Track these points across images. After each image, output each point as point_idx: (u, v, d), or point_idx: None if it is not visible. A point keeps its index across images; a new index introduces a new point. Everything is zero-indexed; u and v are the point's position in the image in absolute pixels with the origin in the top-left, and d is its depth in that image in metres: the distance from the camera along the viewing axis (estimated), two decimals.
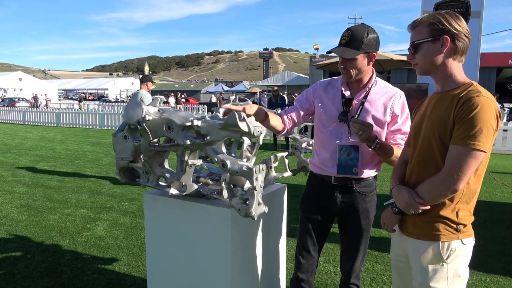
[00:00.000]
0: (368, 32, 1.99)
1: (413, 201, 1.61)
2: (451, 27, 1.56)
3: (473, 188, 1.61)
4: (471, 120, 1.46)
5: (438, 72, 1.64)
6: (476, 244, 1.71)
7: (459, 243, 1.61)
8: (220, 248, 2.13)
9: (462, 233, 1.61)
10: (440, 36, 1.57)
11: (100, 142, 12.51)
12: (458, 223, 1.61)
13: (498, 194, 6.24)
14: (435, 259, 1.62)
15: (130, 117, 2.11)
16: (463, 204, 1.61)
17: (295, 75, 39.20)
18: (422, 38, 1.61)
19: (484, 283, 3.30)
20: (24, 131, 15.95)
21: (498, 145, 10.64)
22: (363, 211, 2.16)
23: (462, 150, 1.48)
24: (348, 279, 2.26)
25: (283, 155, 2.65)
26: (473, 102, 1.47)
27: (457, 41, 1.58)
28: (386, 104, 2.09)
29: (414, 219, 1.69)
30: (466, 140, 1.47)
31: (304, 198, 2.32)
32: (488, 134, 1.47)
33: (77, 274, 3.38)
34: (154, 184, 2.27)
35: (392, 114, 2.09)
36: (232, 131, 1.86)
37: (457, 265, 1.62)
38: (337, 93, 2.14)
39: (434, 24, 1.58)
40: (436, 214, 1.62)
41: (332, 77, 2.26)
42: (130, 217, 4.93)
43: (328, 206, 2.20)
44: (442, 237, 1.61)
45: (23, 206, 5.38)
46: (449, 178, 1.51)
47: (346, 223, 2.22)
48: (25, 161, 8.86)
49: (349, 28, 2.03)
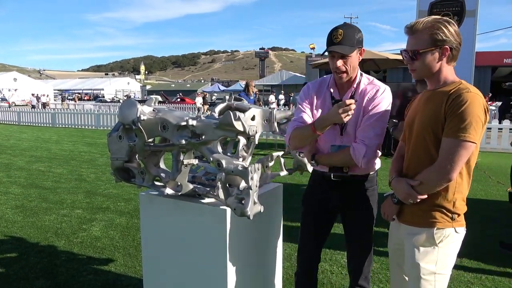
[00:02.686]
0: (355, 30, 2.04)
1: (412, 191, 1.72)
2: (452, 37, 1.66)
3: (466, 178, 1.73)
4: (461, 114, 1.58)
5: (433, 77, 1.75)
6: (472, 241, 1.76)
7: (452, 230, 1.74)
8: (216, 247, 2.12)
9: (456, 221, 1.74)
10: (441, 46, 1.67)
11: (96, 142, 12.46)
12: (453, 212, 1.73)
13: (493, 192, 6.27)
14: (428, 242, 1.74)
15: (125, 117, 2.10)
16: (459, 194, 1.72)
17: (291, 75, 39.20)
18: (423, 47, 1.68)
19: (480, 280, 3.32)
20: (19, 131, 15.86)
21: (494, 143, 10.69)
22: (362, 207, 2.17)
23: (454, 142, 1.60)
24: (355, 280, 2.23)
25: (279, 154, 2.64)
26: (463, 97, 1.60)
27: (454, 50, 1.69)
28: (371, 99, 2.08)
29: (412, 209, 1.79)
30: (457, 133, 1.59)
31: (306, 193, 2.35)
32: (477, 126, 1.59)
33: (73, 274, 3.36)
34: (150, 184, 2.26)
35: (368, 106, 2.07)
36: (227, 130, 1.86)
37: (447, 251, 1.74)
38: (327, 95, 2.15)
39: (437, 34, 1.65)
40: (434, 203, 1.73)
41: (322, 78, 2.24)
42: (126, 218, 4.91)
43: (328, 202, 2.22)
44: (438, 224, 1.73)
45: (18, 207, 5.35)
46: (443, 169, 1.63)
47: (347, 219, 2.23)
48: (20, 161, 8.82)
49: (337, 27, 2.03)
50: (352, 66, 2.04)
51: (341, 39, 1.99)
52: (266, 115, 2.28)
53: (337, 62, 2.02)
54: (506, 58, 24.00)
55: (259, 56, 50.40)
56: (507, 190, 5.16)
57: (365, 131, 2.00)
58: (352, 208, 2.19)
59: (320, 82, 2.22)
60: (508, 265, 3.61)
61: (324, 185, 2.21)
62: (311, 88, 2.21)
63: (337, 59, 2.02)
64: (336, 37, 2.00)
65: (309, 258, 2.31)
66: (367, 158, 1.99)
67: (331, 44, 2.01)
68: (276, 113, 2.36)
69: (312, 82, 2.24)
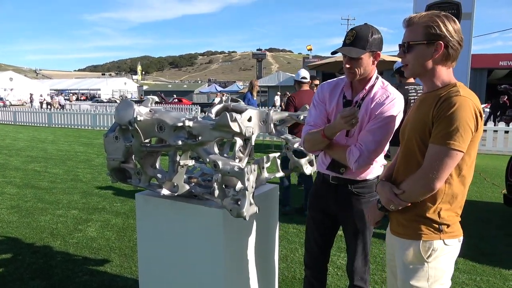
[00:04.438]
0: (373, 32, 1.98)
1: (394, 197, 1.64)
2: (447, 33, 1.54)
3: (457, 189, 1.61)
4: (448, 118, 1.47)
5: (426, 76, 1.64)
6: (467, 243, 1.72)
7: (440, 243, 1.62)
8: (212, 248, 2.13)
9: (444, 233, 1.62)
10: (435, 40, 1.55)
11: (92, 142, 12.42)
12: (440, 223, 1.61)
13: (488, 194, 6.31)
14: (416, 258, 1.64)
15: (121, 118, 2.10)
16: (445, 204, 1.61)
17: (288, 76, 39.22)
18: (417, 39, 1.58)
19: (475, 282, 3.34)
20: (15, 131, 15.79)
21: (489, 145, 10.75)
22: (357, 212, 2.16)
23: (438, 149, 1.50)
24: (351, 280, 2.26)
25: (275, 155, 2.65)
26: (451, 101, 1.48)
27: (450, 48, 1.56)
28: (379, 104, 2.07)
29: (398, 218, 1.72)
30: (442, 139, 1.49)
31: (310, 196, 2.36)
32: (464, 133, 1.47)
33: (69, 275, 3.35)
34: (146, 184, 2.26)
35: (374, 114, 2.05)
36: (223, 131, 1.87)
37: (439, 265, 1.63)
38: (340, 95, 2.14)
39: (431, 27, 1.55)
40: (418, 213, 1.63)
41: (339, 78, 2.22)
42: (122, 218, 4.90)
43: (328, 205, 2.23)
44: (424, 236, 1.62)
45: (14, 207, 5.32)
46: (425, 177, 1.53)
47: (344, 222, 2.24)
48: (16, 161, 8.77)
49: (353, 28, 2.02)
50: (362, 69, 2.00)
51: (352, 41, 1.97)
52: (263, 116, 2.29)
53: (346, 63, 2.02)
54: (502, 60, 24.10)
55: (256, 57, 50.35)
56: (502, 192, 5.19)
57: (365, 136, 1.98)
58: (347, 215, 2.19)
59: (336, 82, 2.21)
60: (502, 266, 3.63)
61: (323, 188, 2.22)
62: (325, 88, 2.20)
63: (347, 59, 2.01)
64: (349, 38, 1.99)
65: (315, 258, 2.34)
66: (359, 164, 1.95)
67: (343, 45, 2.02)
68: (272, 114, 2.37)
69: (328, 82, 2.24)
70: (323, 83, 2.27)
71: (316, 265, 2.35)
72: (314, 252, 2.33)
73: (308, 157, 2.67)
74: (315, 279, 2.36)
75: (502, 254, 3.93)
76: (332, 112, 2.14)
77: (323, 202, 2.25)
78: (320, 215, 2.28)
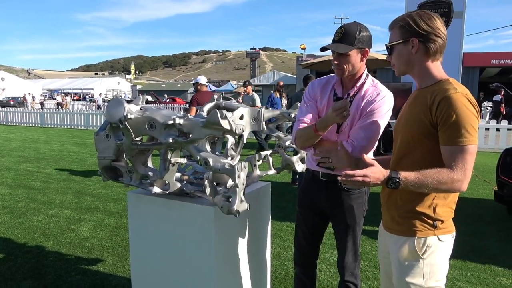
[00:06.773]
0: (361, 29, 2.02)
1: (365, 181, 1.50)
2: (419, 29, 1.58)
3: None
4: (455, 122, 1.48)
5: (414, 73, 1.67)
6: (458, 239, 1.73)
7: (435, 239, 1.62)
8: (204, 246, 2.13)
9: (439, 229, 1.63)
10: (409, 38, 1.60)
11: (85, 142, 12.35)
12: (435, 219, 1.62)
13: (480, 191, 6.37)
14: (411, 254, 1.64)
15: (112, 116, 2.09)
16: (440, 200, 1.62)
17: (282, 75, 39.25)
18: (395, 40, 1.65)
19: (465, 277, 3.37)
20: (7, 131, 15.65)
21: (481, 143, 10.83)
22: (347, 208, 2.18)
23: (455, 149, 1.50)
24: (342, 276, 2.28)
25: (267, 153, 2.66)
26: (452, 102, 1.49)
27: (428, 43, 1.59)
28: (370, 102, 2.09)
29: (392, 214, 1.72)
30: (456, 139, 1.49)
31: (299, 192, 2.38)
32: (474, 125, 1.50)
33: (61, 275, 3.34)
34: (137, 183, 2.26)
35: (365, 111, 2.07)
36: (214, 129, 1.87)
37: (434, 261, 1.64)
38: (331, 92, 2.16)
39: (404, 26, 1.61)
40: (412, 209, 1.63)
41: (329, 75, 2.25)
42: (115, 218, 4.89)
43: (317, 201, 2.25)
44: (418, 233, 1.63)
45: (6, 207, 5.28)
46: (451, 180, 1.50)
47: (334, 219, 2.26)
48: (7, 162, 8.71)
49: (342, 25, 2.06)
50: (350, 65, 2.03)
51: (340, 37, 2.01)
52: (255, 114, 2.30)
53: (334, 59, 2.05)
54: (494, 59, 24.31)
55: (250, 56, 50.30)
56: (493, 188, 5.24)
57: (356, 132, 2.01)
58: (337, 211, 2.21)
59: (327, 79, 2.23)
60: (492, 262, 3.67)
61: (313, 185, 2.24)
62: (316, 85, 2.23)
63: (335, 55, 2.05)
64: (337, 34, 2.03)
65: (304, 255, 2.37)
66: None
67: (332, 42, 2.05)
68: (264, 112, 2.37)
69: (319, 79, 2.26)
70: (314, 81, 2.29)
71: (305, 262, 2.38)
72: (303, 249, 2.35)
73: (300, 155, 2.68)
74: (305, 276, 2.39)
75: (493, 250, 3.98)
76: (323, 109, 2.15)
77: (313, 199, 2.26)
78: (309, 212, 2.30)
